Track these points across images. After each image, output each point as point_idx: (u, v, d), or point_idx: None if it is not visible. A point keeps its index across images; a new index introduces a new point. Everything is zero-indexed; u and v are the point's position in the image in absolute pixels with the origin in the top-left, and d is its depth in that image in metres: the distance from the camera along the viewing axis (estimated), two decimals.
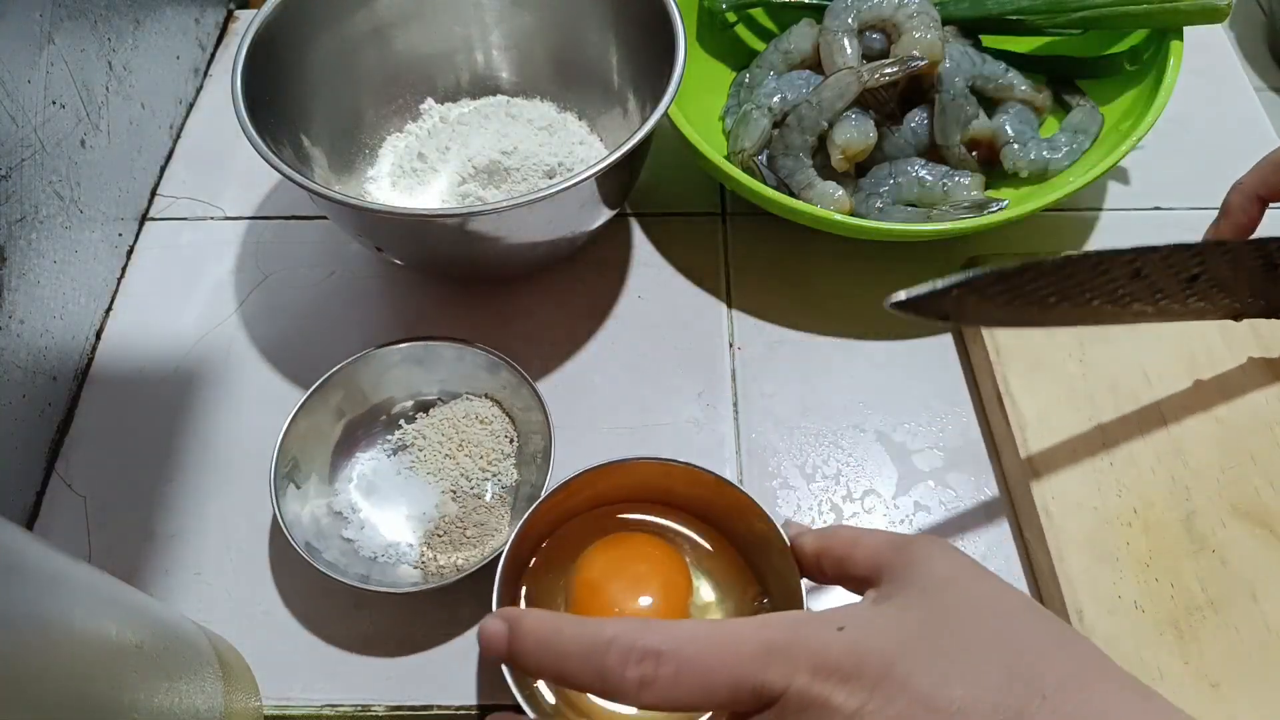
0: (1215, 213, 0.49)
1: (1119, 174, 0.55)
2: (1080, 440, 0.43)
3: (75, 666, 0.25)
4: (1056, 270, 0.33)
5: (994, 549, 0.42)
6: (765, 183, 0.49)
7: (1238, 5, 0.68)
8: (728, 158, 0.52)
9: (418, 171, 0.51)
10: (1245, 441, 0.42)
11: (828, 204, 0.49)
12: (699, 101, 0.54)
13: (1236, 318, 0.41)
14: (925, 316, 0.32)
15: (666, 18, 0.46)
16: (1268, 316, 0.41)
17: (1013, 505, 0.44)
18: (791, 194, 0.49)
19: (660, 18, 0.46)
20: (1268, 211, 0.42)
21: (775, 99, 0.51)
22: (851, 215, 0.47)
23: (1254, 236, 0.41)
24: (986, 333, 0.46)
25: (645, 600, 0.37)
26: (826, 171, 0.51)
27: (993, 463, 0.45)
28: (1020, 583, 0.41)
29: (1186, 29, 0.50)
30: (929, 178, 0.49)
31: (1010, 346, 0.45)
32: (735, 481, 0.38)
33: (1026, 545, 0.42)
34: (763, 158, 0.51)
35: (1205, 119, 0.58)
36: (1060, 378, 0.44)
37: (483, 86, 0.56)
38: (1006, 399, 0.44)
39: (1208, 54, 0.61)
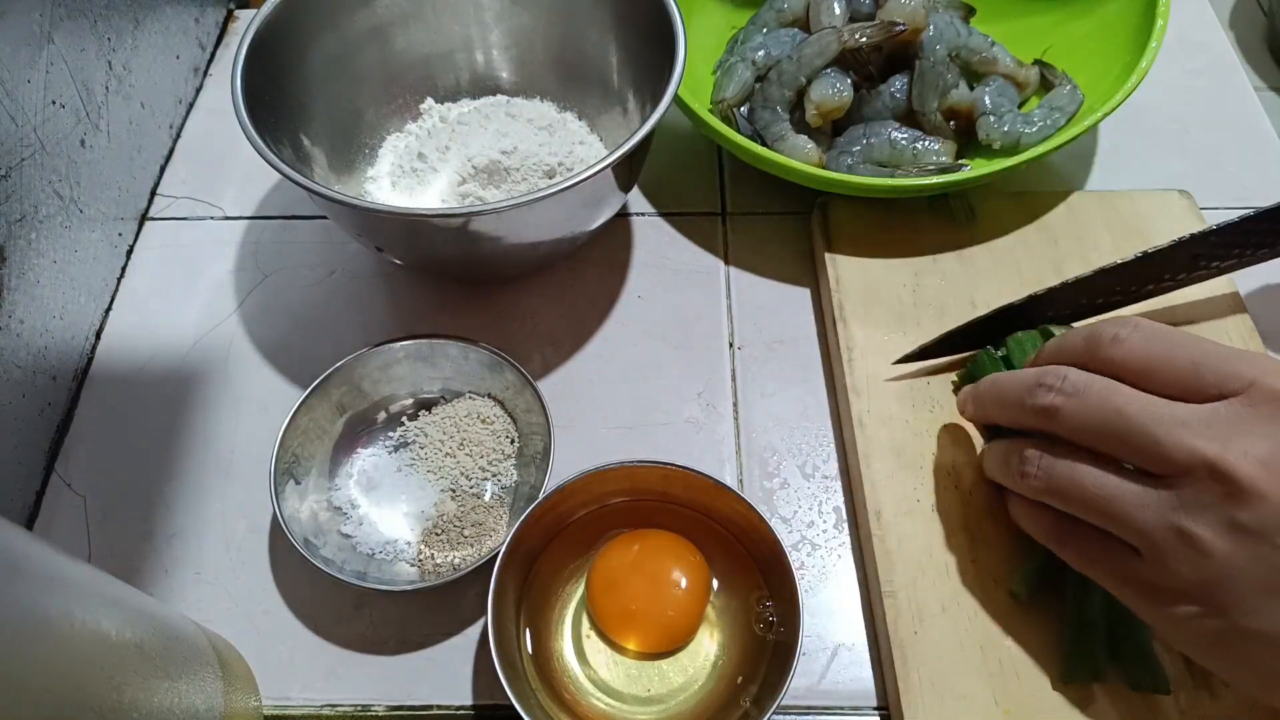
0: (1216, 213, 0.48)
1: (1115, 173, 0.55)
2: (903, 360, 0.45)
3: (75, 666, 0.25)
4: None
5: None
6: (740, 132, 0.50)
7: (1237, 5, 0.68)
8: (710, 108, 0.53)
9: (418, 171, 0.51)
10: None
11: (798, 156, 0.49)
12: (704, 49, 0.56)
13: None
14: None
15: (666, 18, 0.46)
16: None
17: (838, 415, 0.46)
18: (765, 145, 0.50)
19: (660, 18, 0.46)
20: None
21: (760, 53, 0.53)
22: (821, 169, 0.48)
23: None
24: (830, 261, 0.48)
25: (669, 593, 0.37)
26: (803, 127, 0.51)
27: (825, 379, 0.47)
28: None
29: (1186, 30, 0.50)
30: (901, 139, 0.50)
31: (849, 275, 0.48)
32: (733, 485, 0.38)
33: (845, 453, 0.45)
34: (745, 109, 0.53)
35: (1205, 119, 0.58)
36: (892, 304, 0.47)
37: (483, 86, 0.56)
38: (840, 323, 0.46)
39: (1208, 54, 0.61)
